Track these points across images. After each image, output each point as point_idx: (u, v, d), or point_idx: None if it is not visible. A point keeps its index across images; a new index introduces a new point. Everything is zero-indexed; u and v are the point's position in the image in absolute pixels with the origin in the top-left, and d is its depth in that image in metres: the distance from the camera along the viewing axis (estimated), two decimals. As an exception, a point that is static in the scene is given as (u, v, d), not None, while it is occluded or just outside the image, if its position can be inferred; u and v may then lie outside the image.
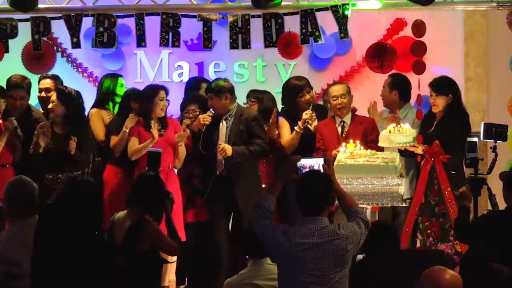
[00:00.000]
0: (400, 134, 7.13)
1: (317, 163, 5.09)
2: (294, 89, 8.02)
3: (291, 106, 8.04)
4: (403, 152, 7.43)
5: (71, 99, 7.74)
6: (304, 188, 4.90)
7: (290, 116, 7.98)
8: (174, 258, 7.20)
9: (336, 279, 4.82)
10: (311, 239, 4.81)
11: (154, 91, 7.77)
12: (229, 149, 7.62)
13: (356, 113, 7.97)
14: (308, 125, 7.81)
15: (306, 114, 7.75)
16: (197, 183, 7.89)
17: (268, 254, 5.69)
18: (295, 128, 7.77)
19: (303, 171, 5.06)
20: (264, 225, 4.96)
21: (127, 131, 7.69)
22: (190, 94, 8.43)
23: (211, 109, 7.93)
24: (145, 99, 7.75)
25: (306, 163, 5.10)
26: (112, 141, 7.84)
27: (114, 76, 8.51)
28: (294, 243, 4.83)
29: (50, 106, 7.78)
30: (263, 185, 7.85)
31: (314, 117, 7.84)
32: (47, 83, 8.43)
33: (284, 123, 7.97)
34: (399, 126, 7.23)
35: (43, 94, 8.40)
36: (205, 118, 7.79)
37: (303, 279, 4.81)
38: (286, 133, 7.91)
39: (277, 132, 7.99)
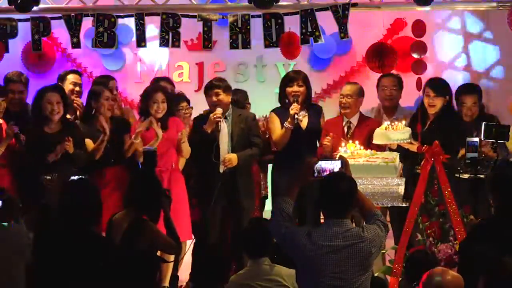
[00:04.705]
0: (395, 131, 7.13)
1: (336, 165, 5.06)
2: (286, 78, 7.93)
3: (280, 96, 7.94)
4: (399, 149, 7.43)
5: (66, 98, 7.71)
6: (330, 190, 4.84)
7: (280, 110, 7.89)
8: (173, 257, 7.19)
9: (359, 283, 4.76)
10: (335, 242, 4.75)
11: (148, 92, 7.73)
12: (235, 159, 7.64)
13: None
14: (299, 121, 7.77)
15: (292, 110, 7.65)
16: (194, 183, 7.88)
17: (267, 254, 5.69)
18: (285, 123, 7.69)
19: (323, 174, 5.01)
20: (285, 229, 4.87)
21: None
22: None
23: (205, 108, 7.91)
24: (142, 99, 7.76)
25: (326, 165, 5.05)
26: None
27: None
28: (319, 245, 4.75)
29: (56, 108, 7.37)
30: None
31: (304, 114, 7.81)
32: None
33: (274, 118, 7.87)
34: (393, 123, 7.23)
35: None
36: (217, 115, 7.64)
37: (325, 282, 4.74)
38: (276, 129, 7.82)
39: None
